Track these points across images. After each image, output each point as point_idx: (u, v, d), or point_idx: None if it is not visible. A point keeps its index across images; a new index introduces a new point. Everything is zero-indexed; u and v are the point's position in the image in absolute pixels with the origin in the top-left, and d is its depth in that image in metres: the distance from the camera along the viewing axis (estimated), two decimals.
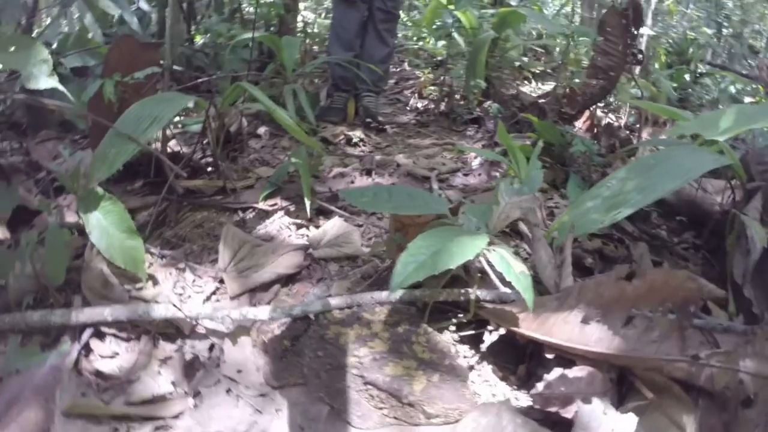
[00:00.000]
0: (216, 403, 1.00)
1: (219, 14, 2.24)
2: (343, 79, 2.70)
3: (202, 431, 0.90)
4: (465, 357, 1.21)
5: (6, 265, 1.22)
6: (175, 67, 2.24)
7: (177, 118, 1.99)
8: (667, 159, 1.45)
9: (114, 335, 1.18)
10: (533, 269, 1.50)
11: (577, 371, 1.08)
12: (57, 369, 1.03)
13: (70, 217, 1.52)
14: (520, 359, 1.24)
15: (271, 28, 2.97)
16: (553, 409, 1.03)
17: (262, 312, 1.17)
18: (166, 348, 1.14)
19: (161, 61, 1.61)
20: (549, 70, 3.18)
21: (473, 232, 1.20)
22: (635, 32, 2.30)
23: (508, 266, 1.12)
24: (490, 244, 1.17)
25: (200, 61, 2.47)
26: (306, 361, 1.06)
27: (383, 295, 1.25)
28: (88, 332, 1.16)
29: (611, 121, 3.08)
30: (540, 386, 1.06)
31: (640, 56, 2.42)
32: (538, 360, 1.19)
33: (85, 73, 1.92)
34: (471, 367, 1.19)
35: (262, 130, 2.33)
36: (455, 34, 2.88)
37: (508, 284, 1.37)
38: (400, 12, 2.97)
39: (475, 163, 2.44)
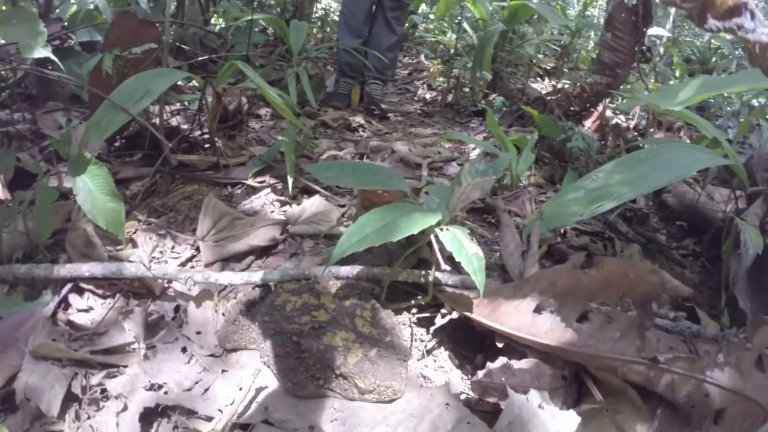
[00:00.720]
0: (169, 358, 1.10)
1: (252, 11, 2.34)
2: (350, 66, 2.79)
3: (148, 380, 1.01)
4: (421, 340, 1.24)
5: (3, 222, 1.35)
6: (184, 47, 2.36)
7: (180, 95, 2.11)
8: (658, 154, 1.42)
9: (91, 291, 1.31)
10: (501, 257, 1.55)
11: (524, 363, 1.06)
12: (35, 316, 1.16)
13: (68, 183, 1.65)
14: (479, 347, 1.24)
15: (286, 14, 3.07)
16: (491, 399, 1.02)
17: (223, 277, 1.28)
18: (135, 306, 1.26)
19: (162, 39, 1.72)
20: (566, 69, 3.20)
21: (428, 210, 1.22)
22: (644, 29, 2.31)
23: (459, 246, 1.12)
24: (446, 223, 1.18)
25: (213, 43, 2.58)
26: (255, 326, 1.15)
27: (342, 269, 1.34)
28: (67, 287, 1.29)
29: (620, 122, 3.09)
30: (480, 374, 1.05)
31: (648, 54, 2.43)
32: (497, 349, 1.16)
33: (94, 47, 2.05)
34: (428, 351, 1.22)
35: (263, 111, 2.44)
36: (466, 26, 2.93)
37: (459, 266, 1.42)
38: (412, 2, 3.02)
39: (473, 154, 2.51)
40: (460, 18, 2.85)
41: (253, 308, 1.22)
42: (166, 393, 1.00)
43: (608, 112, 2.98)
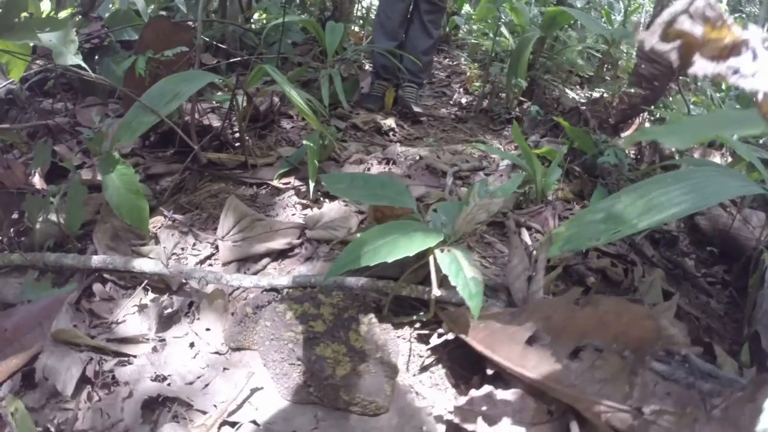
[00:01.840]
0: (176, 351, 1.22)
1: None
2: (385, 68, 2.86)
3: (154, 371, 1.13)
4: (420, 356, 1.30)
5: (37, 212, 1.49)
6: (222, 45, 2.49)
7: (214, 95, 2.23)
8: (685, 179, 1.38)
9: (114, 282, 1.44)
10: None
11: (509, 394, 1.07)
12: (59, 302, 1.29)
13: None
14: (478, 368, 1.23)
15: (326, 13, 3.17)
16: (469, 428, 1.03)
17: (234, 279, 1.39)
18: (151, 300, 1.38)
19: (194, 42, 1.84)
20: (607, 77, 3.20)
21: (430, 230, 1.27)
22: None
23: (457, 269, 1.15)
24: (451, 243, 1.24)
25: (252, 41, 2.70)
26: (258, 329, 1.25)
27: (347, 280, 1.43)
28: (92, 277, 1.42)
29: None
30: (462, 400, 1.06)
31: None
32: (496, 374, 1.16)
33: (132, 46, 2.20)
34: (425, 368, 1.27)
35: (295, 110, 2.55)
36: (504, 30, 2.97)
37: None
38: (447, 4, 3.07)
39: (502, 164, 2.55)
40: (499, 23, 2.88)
41: (260, 311, 1.32)
42: (169, 384, 1.11)
43: (646, 125, 2.96)
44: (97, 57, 2.06)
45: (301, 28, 3.02)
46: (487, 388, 1.08)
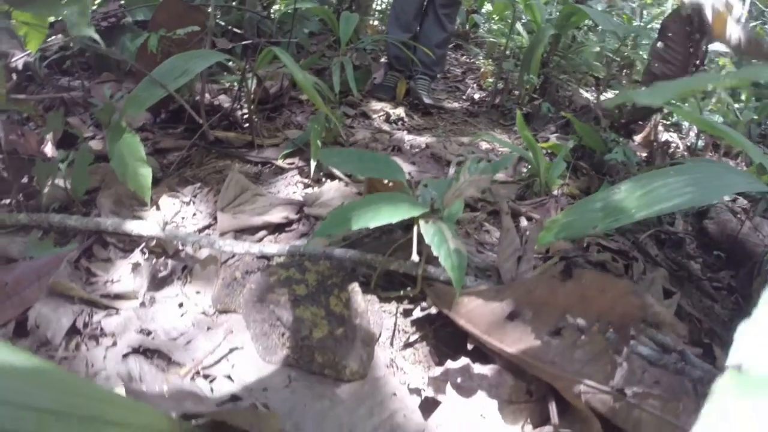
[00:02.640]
0: (164, 309, 1.26)
1: None
2: (398, 60, 2.90)
3: (140, 324, 1.17)
4: (405, 332, 1.31)
5: (45, 176, 1.56)
6: (238, 30, 2.55)
7: (225, 76, 2.29)
8: (688, 172, 1.31)
9: (114, 245, 1.49)
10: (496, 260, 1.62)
11: (486, 369, 1.06)
12: (59, 259, 1.34)
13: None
14: (464, 347, 1.24)
15: (343, 3, 3.21)
16: (441, 398, 1.04)
17: (226, 244, 1.43)
18: (149, 261, 1.43)
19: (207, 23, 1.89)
20: (624, 82, 3.19)
21: (417, 202, 1.28)
22: (699, 41, 2.28)
23: (441, 240, 1.16)
24: (434, 216, 1.25)
25: (269, 29, 2.76)
26: (244, 292, 1.29)
27: (335, 251, 1.46)
28: (93, 238, 1.48)
29: (671, 140, 3.05)
30: (437, 371, 1.06)
31: (702, 68, 2.39)
32: (479, 357, 1.15)
33: (147, 26, 2.26)
34: (409, 344, 1.28)
35: (306, 96, 2.59)
36: (519, 27, 2.98)
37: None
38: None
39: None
40: (511, 19, 2.89)
41: (248, 276, 1.36)
42: (153, 338, 1.15)
43: (660, 128, 2.95)
44: (113, 36, 2.13)
45: (319, 20, 3.07)
46: (463, 361, 1.09)
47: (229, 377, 1.07)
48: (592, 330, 1.03)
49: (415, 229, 1.28)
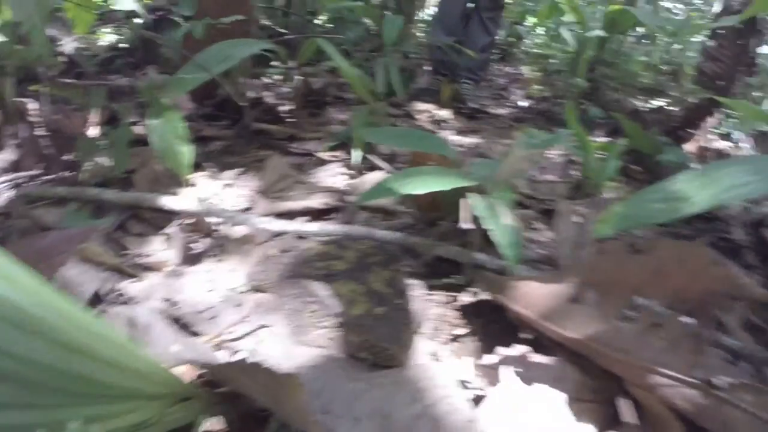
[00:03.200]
0: (192, 282, 1.12)
1: None
2: (442, 64, 2.76)
3: (164, 293, 1.03)
4: (450, 324, 1.14)
5: (87, 152, 1.46)
6: (283, 30, 2.46)
7: (269, 69, 2.19)
8: (750, 162, 1.16)
9: (149, 222, 1.37)
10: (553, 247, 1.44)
11: (546, 359, 0.91)
12: (93, 230, 1.23)
13: None
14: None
15: (386, 11, 3.10)
16: (491, 390, 0.89)
17: (263, 221, 1.29)
18: (182, 234, 1.30)
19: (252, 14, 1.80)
20: (673, 94, 2.98)
21: (465, 175, 1.15)
22: (750, 38, 2.09)
23: (492, 214, 1.02)
24: (486, 193, 1.10)
25: (313, 32, 2.67)
26: (279, 269, 1.15)
27: (377, 233, 1.31)
28: (128, 213, 1.36)
29: (722, 148, 2.81)
30: (490, 358, 0.93)
31: (753, 67, 2.18)
32: (535, 348, 1.00)
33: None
34: (455, 337, 1.11)
35: (350, 95, 2.48)
36: (564, 31, 2.81)
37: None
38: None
39: (557, 158, 2.38)
40: (556, 24, 2.73)
41: (284, 255, 1.22)
42: (177, 308, 1.01)
43: (710, 136, 2.72)
44: (161, 29, 2.07)
45: (364, 27, 2.96)
46: (520, 348, 0.92)
47: (253, 353, 0.92)
48: (670, 310, 0.87)
49: (461, 203, 1.12)
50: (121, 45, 2.19)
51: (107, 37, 2.21)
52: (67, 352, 0.51)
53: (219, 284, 1.16)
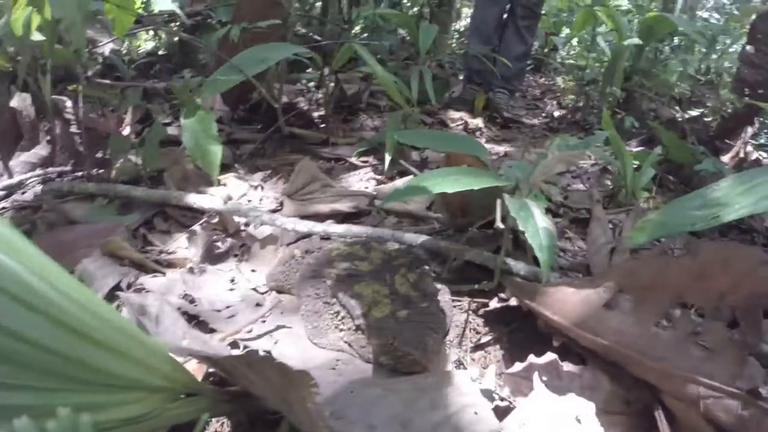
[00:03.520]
0: (214, 280, 1.07)
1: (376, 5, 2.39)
2: (477, 73, 2.68)
3: (184, 289, 0.98)
4: (477, 331, 1.07)
5: (118, 150, 1.44)
6: (318, 38, 2.43)
7: (303, 74, 2.15)
8: None
9: (175, 220, 1.34)
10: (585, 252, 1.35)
11: (578, 368, 0.82)
12: (118, 225, 1.20)
13: None
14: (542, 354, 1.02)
15: (422, 20, 3.05)
16: (519, 398, 0.82)
17: (289, 222, 1.24)
18: (206, 232, 1.25)
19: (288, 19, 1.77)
20: (709, 105, 2.82)
21: (499, 177, 1.07)
22: None
23: (528, 215, 0.94)
24: (520, 193, 1.04)
25: (346, 39, 2.63)
26: (301, 269, 1.08)
27: (406, 236, 1.24)
28: (155, 210, 1.33)
29: (762, 159, 2.63)
30: (517, 367, 0.84)
31: None
32: (564, 357, 0.94)
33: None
34: (479, 345, 1.03)
35: (383, 102, 2.42)
36: (600, 40, 2.70)
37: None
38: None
39: (591, 168, 2.27)
40: (591, 35, 2.62)
41: (307, 255, 1.16)
42: (195, 306, 0.96)
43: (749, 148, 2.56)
44: (198, 34, 2.06)
45: (398, 37, 2.91)
46: (550, 356, 0.84)
47: (268, 353, 0.85)
48: (713, 316, 0.78)
49: (498, 203, 1.04)
50: (159, 52, 2.20)
51: (145, 44, 2.22)
52: (69, 334, 0.47)
53: (240, 283, 1.10)
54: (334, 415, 0.72)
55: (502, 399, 0.87)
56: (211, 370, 0.73)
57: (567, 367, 0.83)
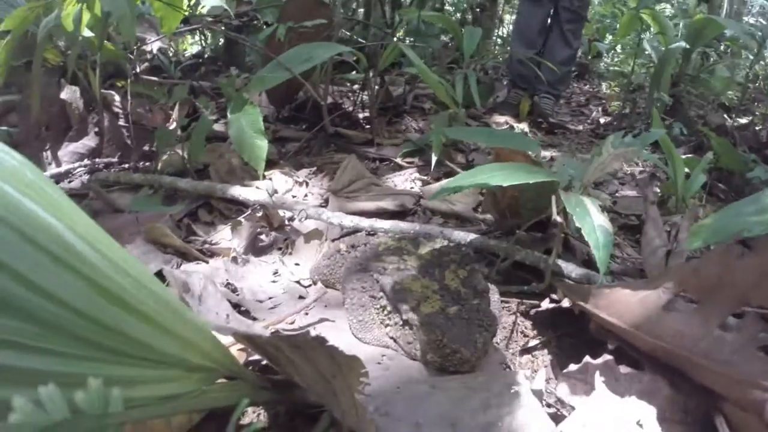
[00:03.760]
0: (257, 271, 1.03)
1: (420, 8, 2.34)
2: (522, 77, 2.60)
3: (226, 278, 0.94)
4: (525, 335, 1.00)
5: (165, 142, 1.42)
6: (362, 41, 2.39)
7: (348, 75, 2.12)
8: None
9: (220, 212, 1.31)
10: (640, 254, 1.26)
11: (636, 373, 0.77)
12: (163, 215, 1.18)
13: None
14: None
15: (465, 25, 2.98)
16: (575, 401, 0.77)
17: (335, 216, 1.19)
18: (251, 222, 1.21)
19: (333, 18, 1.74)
20: (757, 112, 2.67)
21: (552, 173, 1.01)
22: None
23: (584, 212, 0.87)
24: (576, 193, 0.99)
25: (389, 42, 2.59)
26: (346, 263, 1.03)
27: (455, 233, 1.18)
28: (200, 202, 1.30)
29: None
30: (573, 368, 0.79)
31: None
32: (618, 361, 0.86)
33: None
34: (527, 349, 0.96)
35: (428, 105, 2.37)
36: (646, 45, 2.57)
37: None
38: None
39: (639, 175, 2.17)
40: (637, 40, 2.50)
41: (353, 251, 1.11)
42: (237, 295, 0.92)
43: None
44: (244, 34, 2.05)
45: (441, 41, 2.86)
46: (606, 357, 0.78)
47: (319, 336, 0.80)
48: None
49: (553, 199, 0.97)
50: (205, 55, 2.20)
51: (191, 48, 2.23)
52: (103, 298, 0.42)
53: (283, 275, 1.06)
54: (378, 410, 0.66)
55: (549, 405, 0.81)
56: (252, 358, 0.68)
57: (625, 370, 0.76)
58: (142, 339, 0.43)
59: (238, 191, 1.25)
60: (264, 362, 0.70)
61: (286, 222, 1.29)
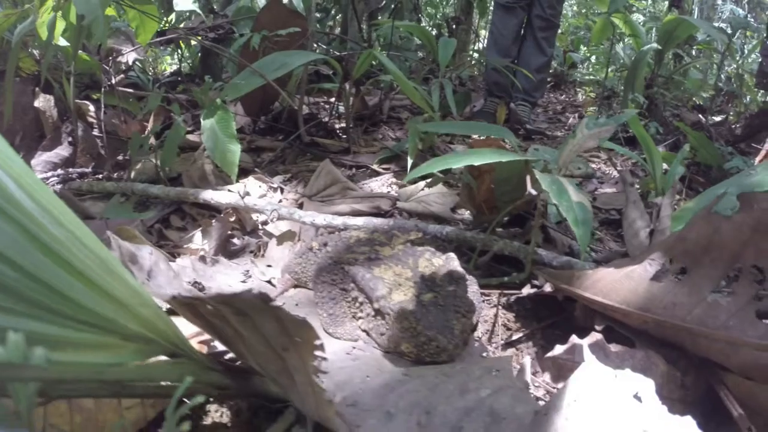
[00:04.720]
0: (227, 272, 0.96)
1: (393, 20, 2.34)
2: (497, 85, 2.58)
3: (192, 276, 0.88)
4: (507, 328, 0.94)
5: (137, 148, 1.37)
6: (337, 53, 2.37)
7: (322, 84, 2.09)
8: None
9: (192, 217, 1.25)
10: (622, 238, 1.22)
11: (628, 350, 0.71)
12: (134, 221, 1.12)
13: None
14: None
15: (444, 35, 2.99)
16: (560, 385, 0.72)
17: (307, 215, 1.14)
18: (221, 224, 1.16)
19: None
20: (731, 114, 2.67)
21: (525, 155, 0.99)
22: None
23: (561, 191, 0.83)
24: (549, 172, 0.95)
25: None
26: (318, 258, 0.97)
27: (430, 227, 1.13)
28: (172, 208, 1.25)
29: None
30: (559, 349, 0.74)
31: None
32: (609, 330, 0.83)
33: None
34: (511, 342, 0.90)
35: (404, 115, 2.34)
36: (619, 49, 2.58)
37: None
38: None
39: (616, 173, 2.14)
40: (609, 49, 2.51)
41: (324, 248, 1.05)
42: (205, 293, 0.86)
43: None
44: (221, 46, 2.02)
45: (417, 53, 2.85)
46: (595, 336, 0.73)
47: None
48: None
49: (528, 179, 0.94)
50: (184, 72, 2.16)
51: (170, 68, 2.20)
52: (35, 247, 0.37)
53: (254, 276, 1.00)
54: (345, 401, 0.60)
55: (537, 399, 0.75)
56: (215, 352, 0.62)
57: (616, 348, 0.72)
58: (72, 296, 0.37)
59: (209, 195, 1.20)
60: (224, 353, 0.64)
61: (260, 226, 1.24)
